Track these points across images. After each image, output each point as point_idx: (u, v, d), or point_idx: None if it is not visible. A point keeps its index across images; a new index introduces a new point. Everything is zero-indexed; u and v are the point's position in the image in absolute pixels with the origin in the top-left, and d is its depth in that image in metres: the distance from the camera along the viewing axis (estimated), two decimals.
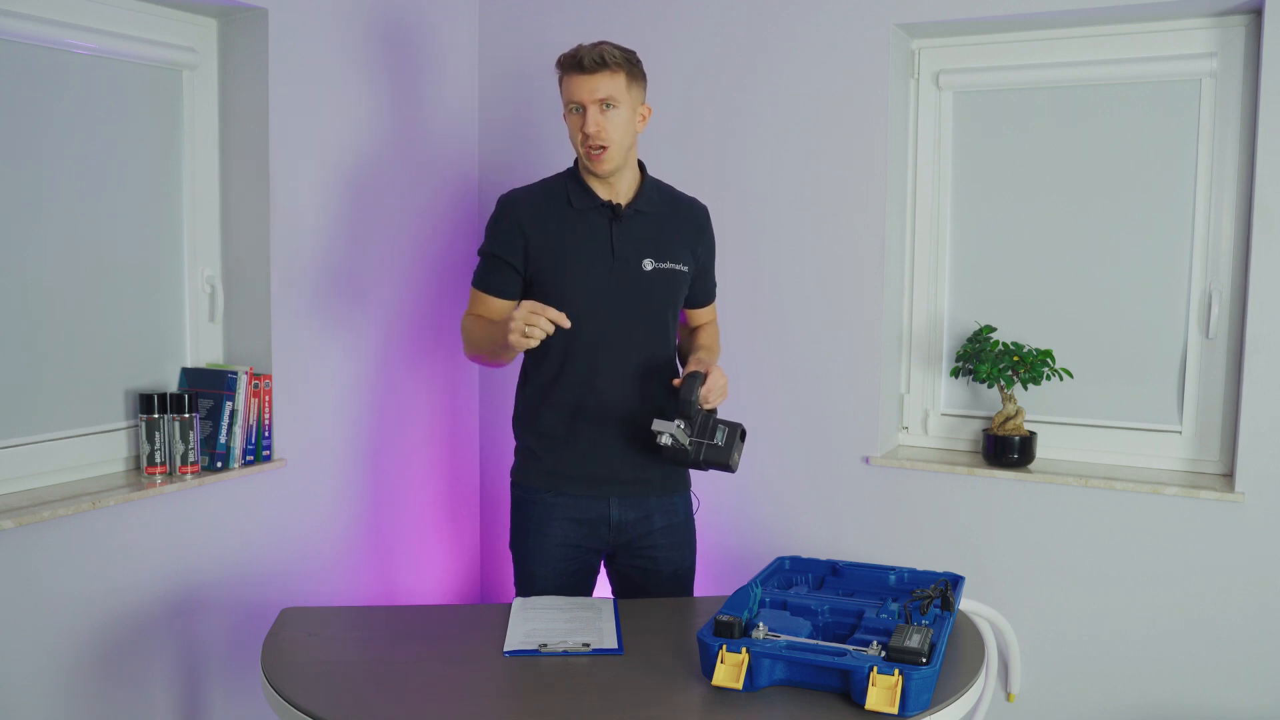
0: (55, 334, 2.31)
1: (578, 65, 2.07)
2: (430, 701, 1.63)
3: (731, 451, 2.05)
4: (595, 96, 2.06)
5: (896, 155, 2.79)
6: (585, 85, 2.07)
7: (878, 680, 1.53)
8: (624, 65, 2.08)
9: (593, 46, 2.08)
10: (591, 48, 2.07)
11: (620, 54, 2.09)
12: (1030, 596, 2.66)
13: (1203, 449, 2.63)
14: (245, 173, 2.58)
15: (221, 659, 2.53)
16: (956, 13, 2.62)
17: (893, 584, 1.93)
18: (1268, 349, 2.41)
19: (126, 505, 2.29)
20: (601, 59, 2.05)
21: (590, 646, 1.80)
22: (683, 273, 2.22)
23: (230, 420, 2.47)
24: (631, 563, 2.25)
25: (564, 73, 2.11)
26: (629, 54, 2.11)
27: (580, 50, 2.08)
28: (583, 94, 2.07)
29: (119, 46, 2.36)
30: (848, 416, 2.81)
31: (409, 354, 3.02)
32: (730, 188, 2.88)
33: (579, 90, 2.07)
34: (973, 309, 2.85)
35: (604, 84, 2.06)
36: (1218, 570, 2.48)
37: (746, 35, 2.85)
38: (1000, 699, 2.71)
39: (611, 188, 2.16)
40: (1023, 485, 2.65)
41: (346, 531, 2.85)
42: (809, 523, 2.88)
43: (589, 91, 2.06)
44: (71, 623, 2.21)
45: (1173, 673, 2.54)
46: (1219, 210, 2.57)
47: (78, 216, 2.34)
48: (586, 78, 2.06)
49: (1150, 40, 2.61)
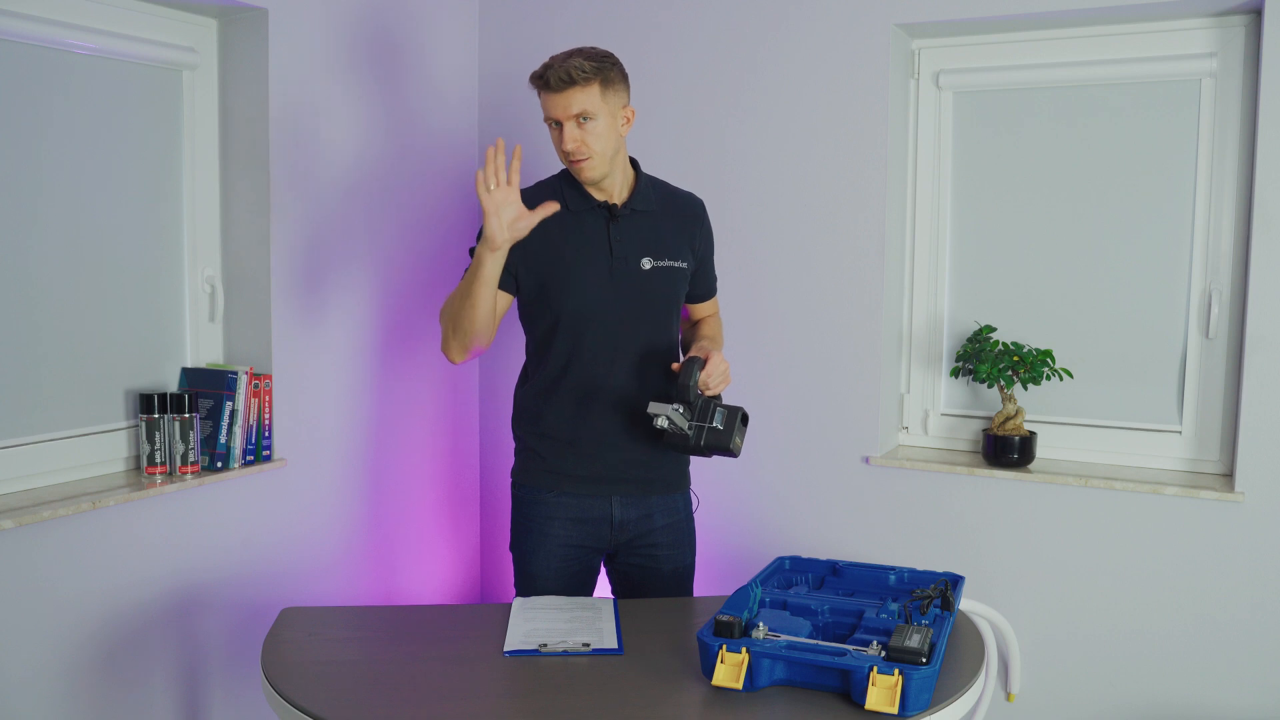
0: (55, 334, 2.31)
1: (545, 84, 2.04)
2: (430, 701, 1.63)
3: (733, 435, 2.02)
4: (569, 113, 2.03)
5: (896, 155, 2.79)
6: (557, 102, 2.03)
7: (878, 680, 1.53)
8: (595, 76, 2.03)
9: (563, 60, 2.02)
10: (561, 63, 2.02)
11: (590, 65, 2.02)
12: (1030, 596, 2.66)
13: (1203, 449, 2.63)
14: (245, 172, 2.58)
15: (221, 659, 2.53)
16: (956, 13, 2.62)
17: (893, 584, 1.93)
18: (1268, 349, 2.41)
19: (126, 505, 2.29)
20: (568, 76, 2.00)
21: (590, 646, 1.80)
22: (682, 269, 2.22)
23: (230, 420, 2.47)
24: (631, 561, 2.25)
25: (536, 89, 2.08)
26: (601, 62, 2.05)
27: (549, 67, 2.03)
28: (556, 111, 2.04)
29: (119, 46, 2.36)
30: (848, 416, 2.81)
31: (409, 354, 3.02)
32: (730, 188, 2.88)
33: (552, 107, 2.05)
34: (973, 309, 2.85)
35: (576, 99, 2.02)
36: (1218, 570, 2.48)
37: (746, 36, 2.85)
38: (1000, 699, 2.71)
39: (605, 189, 2.16)
40: (1023, 485, 2.65)
41: (346, 531, 2.85)
42: (809, 523, 2.88)
43: (562, 109, 2.03)
44: (72, 623, 2.21)
45: (1172, 672, 2.54)
46: (1219, 210, 2.57)
47: (78, 216, 2.34)
48: (557, 95, 2.03)
49: (1150, 40, 2.61)
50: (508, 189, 1.96)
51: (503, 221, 1.96)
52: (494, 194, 1.95)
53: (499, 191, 1.95)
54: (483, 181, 1.94)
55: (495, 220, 1.95)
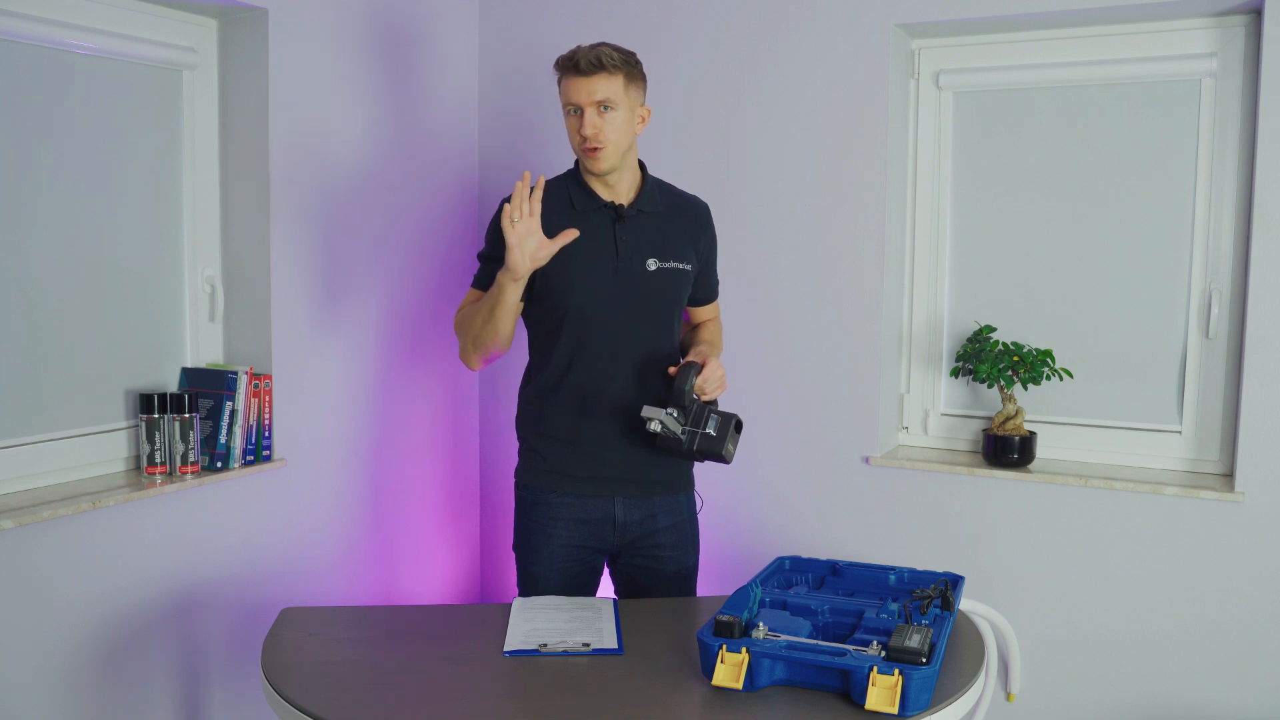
0: (55, 334, 2.31)
1: (574, 67, 2.06)
2: (430, 701, 1.63)
3: (725, 442, 2.03)
4: (592, 99, 2.06)
5: (896, 155, 2.79)
6: (582, 87, 2.06)
7: (878, 680, 1.53)
8: (622, 67, 2.07)
9: (591, 48, 2.07)
10: (589, 49, 2.06)
11: (619, 56, 2.07)
12: (1030, 596, 2.66)
13: (1203, 449, 2.62)
14: (245, 173, 2.58)
15: (221, 659, 2.53)
16: (956, 13, 2.62)
17: (893, 584, 1.93)
18: (1268, 349, 2.41)
19: (126, 505, 2.29)
20: (598, 61, 2.04)
21: (590, 646, 1.80)
22: (686, 271, 2.22)
23: (230, 420, 2.47)
24: (634, 561, 2.25)
25: (561, 74, 2.10)
26: (628, 55, 2.10)
27: (578, 52, 2.07)
28: (580, 96, 2.06)
29: (119, 46, 2.36)
30: (848, 416, 2.81)
31: (409, 354, 3.02)
32: (730, 188, 2.88)
33: (576, 92, 2.07)
34: (973, 309, 2.85)
35: (601, 86, 2.05)
36: (1218, 570, 2.48)
37: (747, 35, 2.85)
38: (1000, 699, 2.71)
39: (613, 189, 2.16)
40: (1023, 485, 2.65)
41: (346, 531, 2.85)
42: (809, 523, 2.88)
43: (586, 94, 2.06)
44: (72, 623, 2.21)
45: (1172, 672, 2.54)
46: (1219, 210, 2.57)
47: (78, 216, 2.34)
48: (583, 80, 2.06)
49: (1150, 40, 2.61)
50: (530, 220, 1.99)
51: (525, 253, 1.99)
52: (518, 226, 1.97)
53: (522, 224, 1.98)
54: (508, 215, 1.97)
55: (519, 253, 1.98)
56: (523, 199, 1.97)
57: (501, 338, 2.10)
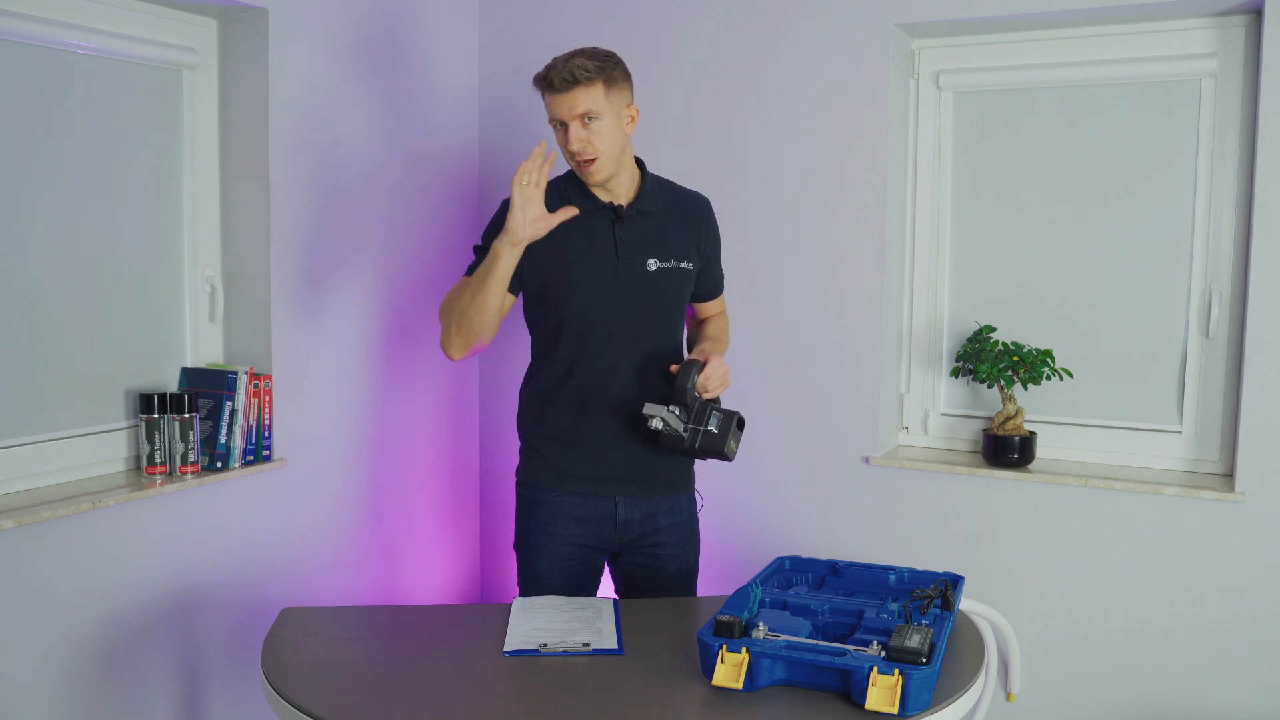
0: (55, 334, 2.31)
1: (549, 85, 2.05)
2: (430, 701, 1.63)
3: (727, 439, 2.04)
4: (574, 113, 2.04)
5: (896, 155, 2.79)
6: (562, 103, 2.04)
7: (878, 680, 1.53)
8: (598, 75, 2.03)
9: (565, 61, 2.04)
10: (564, 63, 2.03)
11: (593, 65, 2.03)
12: (1030, 596, 2.66)
13: (1203, 449, 2.63)
14: (245, 173, 2.58)
15: (221, 659, 2.53)
16: (956, 13, 2.62)
17: (893, 584, 1.93)
18: (1268, 349, 2.41)
19: (126, 505, 2.29)
20: (572, 76, 2.01)
21: (590, 646, 1.80)
22: (687, 270, 2.22)
23: (230, 420, 2.47)
24: (635, 560, 2.25)
25: (540, 90, 2.09)
26: (604, 62, 2.06)
27: (552, 68, 2.04)
28: (561, 112, 2.05)
29: (119, 46, 2.36)
30: (848, 416, 2.81)
31: (409, 353, 3.02)
32: (730, 188, 2.87)
33: (557, 108, 2.05)
34: (973, 309, 2.85)
35: (580, 99, 2.03)
36: (1218, 570, 2.48)
37: (746, 35, 2.85)
38: (1000, 699, 2.71)
39: (611, 190, 2.16)
40: (1023, 485, 2.65)
41: (346, 531, 2.85)
42: (809, 523, 2.88)
43: (567, 109, 2.04)
44: (71, 623, 2.21)
45: (1172, 672, 2.54)
46: (1219, 210, 2.57)
47: (78, 216, 2.34)
48: (561, 96, 2.04)
49: (1150, 40, 2.61)
50: (535, 189, 2.00)
51: (527, 216, 1.99)
52: (525, 188, 1.98)
53: (529, 188, 1.99)
54: (522, 173, 1.98)
55: (520, 214, 1.98)
56: (536, 165, 1.99)
57: (488, 314, 2.04)
